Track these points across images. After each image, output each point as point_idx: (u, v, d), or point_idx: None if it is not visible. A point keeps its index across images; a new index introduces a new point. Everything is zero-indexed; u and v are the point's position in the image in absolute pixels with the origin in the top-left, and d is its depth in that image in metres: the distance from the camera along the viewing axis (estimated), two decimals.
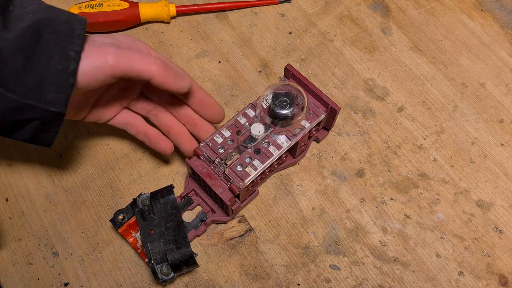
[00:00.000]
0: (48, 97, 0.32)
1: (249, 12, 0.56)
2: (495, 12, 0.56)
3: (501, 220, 0.44)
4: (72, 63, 0.32)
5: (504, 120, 0.49)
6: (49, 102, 0.32)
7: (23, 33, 0.31)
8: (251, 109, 0.43)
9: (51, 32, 0.32)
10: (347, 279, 0.41)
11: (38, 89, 0.32)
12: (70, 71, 0.32)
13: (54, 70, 0.32)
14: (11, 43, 0.30)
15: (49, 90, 0.32)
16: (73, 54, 0.32)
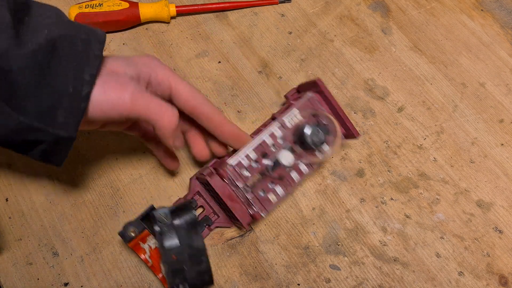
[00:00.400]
0: (58, 120, 0.30)
1: (249, 12, 0.56)
2: (495, 12, 0.56)
3: (501, 220, 0.44)
4: (86, 87, 0.30)
5: (504, 120, 0.49)
6: (59, 126, 0.30)
7: (36, 50, 0.29)
8: (278, 128, 0.40)
9: (67, 51, 0.30)
10: (347, 279, 0.41)
11: (48, 112, 0.30)
12: (83, 95, 0.30)
13: (66, 93, 0.30)
14: (23, 61, 0.28)
15: (60, 113, 0.30)
16: (87, 77, 0.31)
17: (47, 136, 0.30)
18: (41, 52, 0.29)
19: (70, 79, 0.30)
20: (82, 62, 0.30)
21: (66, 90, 0.30)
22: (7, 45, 0.28)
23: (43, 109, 0.30)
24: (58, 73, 0.30)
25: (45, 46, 0.29)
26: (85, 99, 0.31)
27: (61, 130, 0.30)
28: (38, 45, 0.29)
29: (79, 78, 0.30)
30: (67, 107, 0.30)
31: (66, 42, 0.30)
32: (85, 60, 0.31)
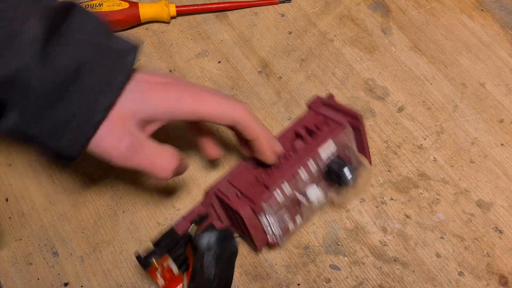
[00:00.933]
0: (62, 142, 0.31)
1: (249, 12, 0.56)
2: (495, 12, 0.56)
3: (501, 220, 0.44)
4: (97, 116, 0.30)
5: (504, 120, 0.49)
6: (61, 147, 0.31)
7: (59, 73, 0.29)
8: (314, 163, 0.38)
9: (89, 79, 0.30)
10: (347, 279, 0.41)
11: (54, 131, 0.30)
12: (92, 123, 0.30)
13: (77, 118, 0.30)
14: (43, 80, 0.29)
15: (66, 136, 0.30)
16: (101, 107, 0.30)
17: (48, 150, 0.32)
18: (63, 75, 0.29)
19: (84, 106, 0.30)
20: (101, 92, 0.30)
21: (77, 115, 0.30)
22: (30, 61, 0.28)
23: (51, 128, 0.30)
24: (74, 98, 0.30)
25: (68, 69, 0.29)
26: (93, 128, 0.31)
27: (62, 150, 0.31)
28: (62, 67, 0.29)
29: (93, 107, 0.30)
30: (74, 131, 0.30)
31: (89, 67, 0.30)
32: (104, 90, 0.30)
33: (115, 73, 0.31)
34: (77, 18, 0.31)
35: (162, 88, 0.33)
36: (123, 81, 0.31)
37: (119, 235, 0.43)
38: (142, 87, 0.33)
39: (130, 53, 0.32)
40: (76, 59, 0.29)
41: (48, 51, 0.29)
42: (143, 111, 0.33)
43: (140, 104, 0.32)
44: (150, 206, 0.44)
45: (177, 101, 0.33)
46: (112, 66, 0.31)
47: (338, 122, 0.40)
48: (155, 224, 0.44)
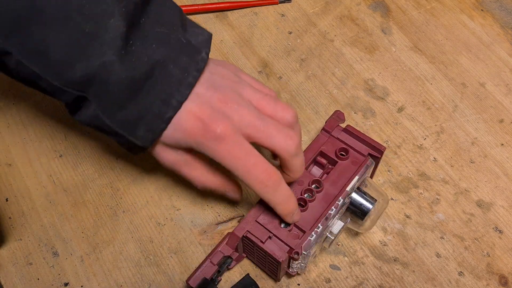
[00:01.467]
0: (137, 133, 0.32)
1: (249, 12, 0.56)
2: (495, 12, 0.56)
3: (501, 220, 0.44)
4: (170, 111, 0.32)
5: (504, 120, 0.49)
6: (136, 138, 0.33)
7: (137, 69, 0.30)
8: (342, 198, 0.38)
9: (163, 76, 0.31)
10: (347, 279, 0.41)
11: (132, 124, 0.32)
12: (165, 118, 0.32)
13: (151, 112, 0.32)
14: (122, 76, 0.30)
15: (141, 128, 0.32)
16: (174, 103, 0.32)
17: (124, 140, 0.33)
18: (141, 71, 0.30)
19: (158, 101, 0.31)
20: (174, 89, 0.31)
21: (152, 110, 0.31)
22: (113, 58, 0.29)
23: (127, 120, 0.32)
24: (149, 93, 0.31)
25: (146, 66, 0.30)
26: (166, 122, 0.32)
27: (137, 141, 0.33)
28: (141, 63, 0.30)
29: (167, 102, 0.31)
30: (148, 124, 0.32)
31: (165, 64, 0.31)
32: (178, 87, 0.32)
33: (189, 70, 0.32)
34: (153, 8, 0.31)
35: None
36: (197, 76, 0.32)
37: (119, 235, 0.43)
38: None
39: (204, 48, 0.33)
40: (154, 56, 0.31)
41: (129, 47, 0.30)
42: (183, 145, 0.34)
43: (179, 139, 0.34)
44: (150, 206, 0.44)
45: None
46: (187, 62, 0.32)
47: (362, 154, 0.40)
48: (155, 224, 0.44)
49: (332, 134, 0.41)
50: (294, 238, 0.36)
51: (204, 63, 0.33)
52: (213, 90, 0.34)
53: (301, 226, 0.37)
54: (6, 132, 0.48)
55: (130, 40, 0.30)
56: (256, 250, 0.37)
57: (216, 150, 0.33)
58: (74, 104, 0.33)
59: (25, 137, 0.47)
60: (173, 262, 0.42)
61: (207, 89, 0.33)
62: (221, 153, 0.33)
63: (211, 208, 0.44)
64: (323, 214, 0.37)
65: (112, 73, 0.30)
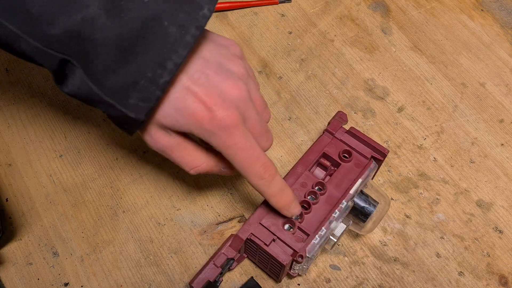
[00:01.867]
0: (130, 101, 0.29)
1: (249, 12, 0.56)
2: (495, 12, 0.56)
3: (501, 220, 0.44)
4: (165, 75, 0.28)
5: (504, 120, 0.49)
6: (129, 107, 0.29)
7: (127, 26, 0.27)
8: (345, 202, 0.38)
9: (158, 33, 0.28)
10: (347, 279, 0.41)
11: (122, 90, 0.28)
12: (160, 83, 0.28)
13: (144, 76, 0.28)
14: (109, 34, 0.27)
15: (133, 95, 0.28)
16: (170, 65, 0.28)
17: (116, 112, 0.29)
18: (130, 29, 0.27)
19: (152, 63, 0.28)
20: (170, 49, 0.28)
21: (145, 73, 0.28)
22: (97, 12, 0.26)
23: (118, 87, 0.28)
24: (141, 54, 0.28)
25: (137, 21, 0.27)
26: (161, 87, 0.28)
27: (130, 111, 0.29)
28: (130, 19, 0.27)
29: (162, 64, 0.28)
30: (141, 90, 0.28)
31: (160, 21, 0.28)
32: (174, 47, 0.28)
33: (187, 27, 0.28)
34: None
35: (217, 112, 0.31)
36: (196, 34, 0.28)
37: (119, 235, 0.43)
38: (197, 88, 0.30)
39: (205, 3, 0.29)
40: (146, 11, 0.27)
41: (117, 1, 0.27)
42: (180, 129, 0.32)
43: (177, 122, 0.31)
44: (150, 206, 0.44)
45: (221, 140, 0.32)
46: (184, 19, 0.28)
47: (365, 157, 0.40)
48: (155, 224, 0.44)
49: (335, 136, 0.41)
50: (298, 241, 0.36)
51: (206, 20, 0.29)
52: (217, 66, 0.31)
53: (305, 229, 0.37)
54: (6, 132, 0.47)
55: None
56: (259, 252, 0.37)
57: (221, 139, 0.31)
58: (60, 72, 0.29)
59: (25, 137, 0.47)
60: (173, 262, 0.42)
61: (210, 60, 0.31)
62: (226, 143, 0.31)
63: (211, 208, 0.44)
64: (327, 217, 0.37)
65: (98, 30, 0.26)
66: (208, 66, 0.31)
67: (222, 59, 0.32)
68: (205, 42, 0.32)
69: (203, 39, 0.32)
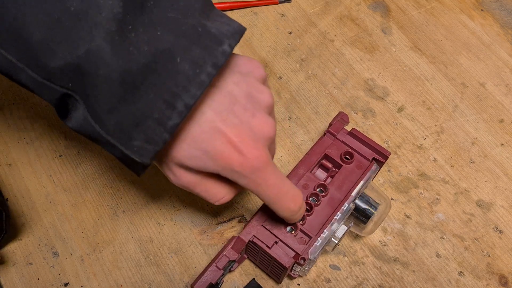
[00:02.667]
0: (134, 143, 0.26)
1: (249, 12, 0.56)
2: (495, 12, 0.56)
3: (501, 220, 0.44)
4: (175, 117, 0.25)
5: (504, 120, 0.49)
6: (133, 149, 0.26)
7: (134, 60, 0.24)
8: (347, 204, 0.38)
9: (170, 68, 0.25)
10: (347, 279, 0.41)
11: (127, 131, 0.26)
12: (168, 126, 0.25)
13: (151, 117, 0.25)
14: (115, 71, 0.24)
15: (138, 136, 0.26)
16: (180, 106, 0.25)
17: (118, 153, 0.27)
18: (138, 64, 0.24)
19: (160, 102, 0.25)
20: (181, 88, 0.25)
21: (151, 114, 0.25)
22: (101, 45, 0.24)
23: (122, 127, 0.26)
24: (148, 92, 0.25)
25: (146, 56, 0.24)
26: (169, 130, 0.25)
27: (134, 154, 0.26)
28: (139, 53, 0.24)
29: (171, 104, 0.25)
30: (147, 132, 0.25)
31: (172, 56, 0.25)
32: (185, 86, 0.25)
33: (202, 65, 0.25)
34: None
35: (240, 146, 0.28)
36: (212, 73, 0.25)
37: (119, 235, 0.43)
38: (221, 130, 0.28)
39: (227, 38, 0.26)
40: (157, 44, 0.24)
41: (127, 33, 0.24)
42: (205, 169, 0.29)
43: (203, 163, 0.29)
44: (150, 206, 0.44)
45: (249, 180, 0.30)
46: (201, 55, 0.25)
47: (367, 158, 0.40)
48: (155, 224, 0.44)
49: (337, 137, 0.41)
50: (300, 243, 0.36)
51: (225, 58, 0.26)
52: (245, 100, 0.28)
53: (307, 231, 0.37)
54: (6, 132, 0.47)
55: (129, 25, 0.24)
56: (261, 254, 0.37)
57: (251, 180, 0.29)
58: (62, 106, 0.27)
59: (25, 137, 0.47)
60: (173, 262, 0.42)
61: (237, 95, 0.28)
62: (256, 182, 0.29)
63: (211, 208, 0.44)
64: (329, 220, 0.37)
65: (102, 65, 0.24)
66: (236, 102, 0.28)
67: (249, 89, 0.29)
68: (229, 74, 0.29)
69: (226, 69, 0.29)
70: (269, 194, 0.31)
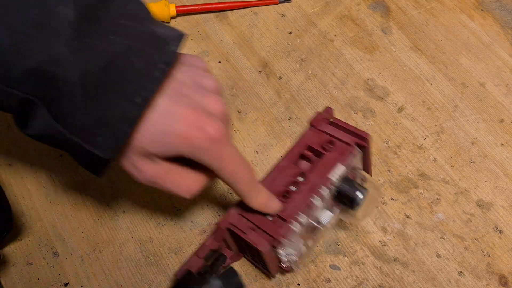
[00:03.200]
0: (97, 139, 0.28)
1: (249, 12, 0.56)
2: (495, 12, 0.56)
3: (501, 220, 0.44)
4: (135, 110, 0.27)
5: (504, 120, 0.49)
6: (96, 145, 0.28)
7: (93, 63, 0.26)
8: (327, 188, 0.38)
9: (126, 68, 0.27)
10: (347, 279, 0.41)
11: (91, 129, 0.27)
12: (129, 119, 0.27)
13: (113, 112, 0.27)
14: (76, 73, 0.26)
15: (101, 133, 0.27)
16: (139, 100, 0.27)
17: (82, 152, 0.28)
18: (97, 64, 0.26)
19: (120, 99, 0.27)
20: (138, 84, 0.27)
21: (113, 110, 0.27)
22: (61, 50, 0.26)
23: (85, 125, 0.27)
24: (109, 91, 0.27)
25: (103, 58, 0.26)
26: (131, 123, 0.27)
27: (98, 150, 0.28)
28: (96, 55, 0.26)
29: (131, 100, 0.27)
30: (110, 128, 0.27)
31: (127, 57, 0.27)
32: (142, 82, 0.27)
33: (155, 63, 0.28)
34: (116, 2, 0.28)
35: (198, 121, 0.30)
36: (164, 69, 0.28)
37: (119, 235, 0.43)
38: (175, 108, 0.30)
39: (173, 40, 0.29)
40: (112, 47, 0.27)
41: (83, 38, 0.26)
42: (168, 153, 0.31)
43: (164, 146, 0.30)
44: (150, 206, 0.44)
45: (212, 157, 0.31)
46: (152, 54, 0.28)
47: (346, 143, 0.40)
48: (155, 224, 0.44)
49: (318, 128, 0.41)
50: (277, 227, 0.36)
51: (174, 56, 0.29)
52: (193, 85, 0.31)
53: (283, 215, 0.37)
54: (6, 132, 0.48)
55: (84, 32, 0.26)
56: (244, 244, 0.37)
57: (214, 153, 0.31)
58: (22, 113, 0.28)
59: (25, 137, 0.47)
60: (173, 262, 0.42)
61: (185, 81, 0.31)
62: (219, 156, 0.31)
63: (211, 208, 0.44)
64: (305, 203, 0.37)
65: (63, 68, 0.26)
66: (185, 86, 0.31)
67: (195, 76, 0.32)
68: (176, 66, 0.32)
69: (174, 63, 0.32)
70: (231, 167, 0.32)
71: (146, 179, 0.32)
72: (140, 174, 0.32)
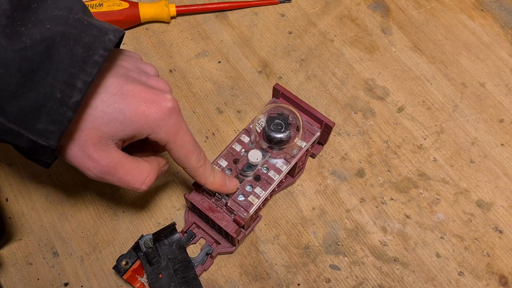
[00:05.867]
0: (38, 126, 0.27)
1: (249, 12, 0.56)
2: (495, 12, 0.56)
3: (501, 220, 0.44)
4: (76, 94, 0.27)
5: (504, 120, 0.49)
6: (38, 133, 0.27)
7: (29, 47, 0.26)
8: (245, 135, 0.42)
9: (63, 53, 0.27)
10: (347, 279, 0.41)
11: (29, 115, 0.27)
12: (70, 104, 0.27)
13: (52, 97, 0.27)
14: (10, 56, 0.26)
15: (42, 119, 0.27)
16: (80, 84, 0.27)
17: (24, 141, 0.28)
18: (33, 49, 0.26)
19: (60, 83, 0.27)
20: (78, 68, 0.27)
21: (53, 94, 0.27)
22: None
23: (24, 112, 0.27)
24: (47, 75, 0.27)
25: (40, 43, 0.26)
26: (72, 108, 0.27)
27: (40, 138, 0.27)
28: (32, 41, 0.26)
29: (71, 84, 0.27)
30: (51, 113, 0.27)
31: (65, 42, 0.27)
32: (82, 66, 0.27)
33: (95, 47, 0.28)
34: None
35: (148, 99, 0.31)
36: (104, 54, 0.28)
37: (119, 235, 0.43)
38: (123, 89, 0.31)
39: (111, 31, 0.29)
40: (48, 34, 0.27)
41: (17, 27, 0.26)
42: (123, 134, 0.31)
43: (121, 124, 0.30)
44: (150, 206, 0.44)
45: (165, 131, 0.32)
46: (91, 41, 0.28)
47: None
48: (155, 224, 0.44)
49: None
50: None
51: (112, 44, 0.29)
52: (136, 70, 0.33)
53: None
54: None
55: (18, 21, 0.26)
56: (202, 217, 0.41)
57: (170, 126, 0.32)
58: None
59: None
60: None
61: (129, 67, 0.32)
62: (175, 128, 0.32)
63: None
64: (226, 149, 0.42)
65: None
66: (130, 71, 0.32)
67: (136, 64, 0.34)
68: (118, 55, 0.33)
69: (116, 53, 0.33)
70: (186, 142, 0.33)
71: (100, 170, 0.31)
72: (93, 165, 0.31)
